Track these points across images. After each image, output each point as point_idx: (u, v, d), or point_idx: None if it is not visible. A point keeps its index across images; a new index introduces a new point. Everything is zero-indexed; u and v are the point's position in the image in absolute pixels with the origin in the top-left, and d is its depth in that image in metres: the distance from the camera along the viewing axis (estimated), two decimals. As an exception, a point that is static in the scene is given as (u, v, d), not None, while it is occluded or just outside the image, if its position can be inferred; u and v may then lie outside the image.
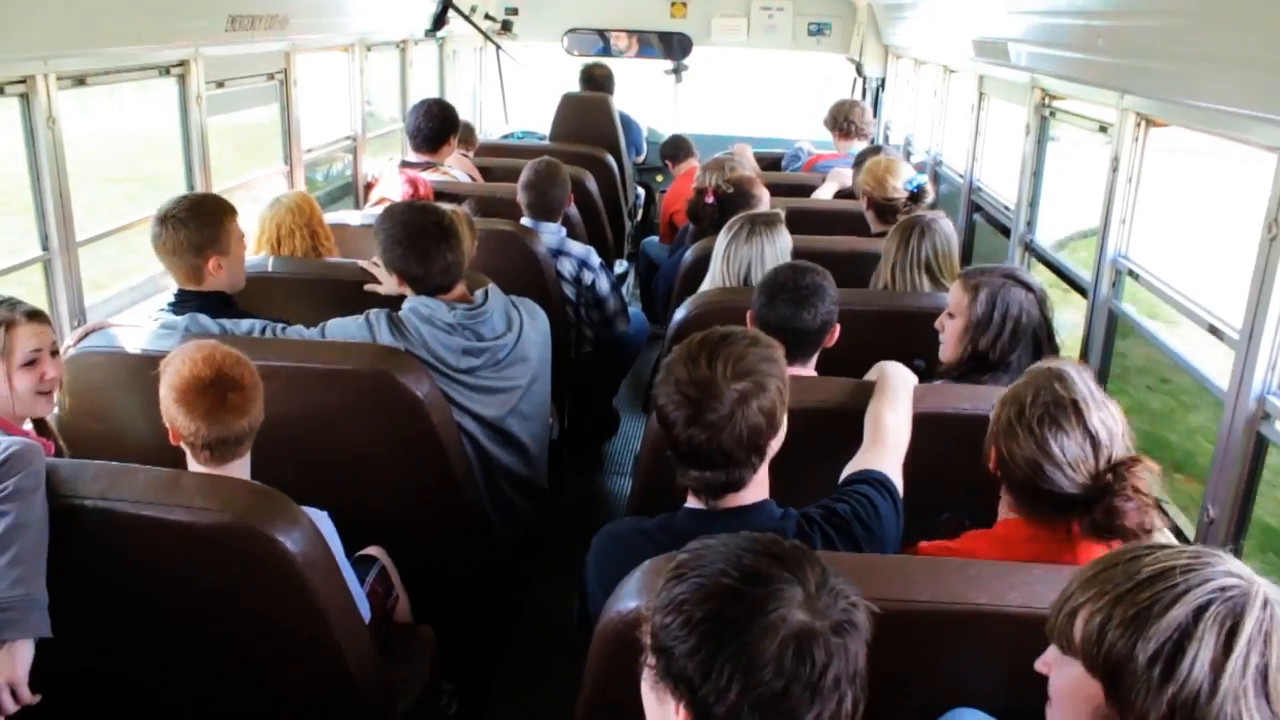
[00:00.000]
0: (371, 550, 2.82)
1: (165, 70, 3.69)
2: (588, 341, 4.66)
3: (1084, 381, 2.00)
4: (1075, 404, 1.95)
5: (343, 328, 3.03)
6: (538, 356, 3.28)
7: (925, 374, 3.14)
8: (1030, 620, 1.65)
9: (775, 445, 1.97)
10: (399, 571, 2.87)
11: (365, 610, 2.41)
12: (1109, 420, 1.96)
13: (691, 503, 2.02)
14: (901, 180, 4.16)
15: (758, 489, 1.98)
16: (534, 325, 3.26)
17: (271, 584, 2.06)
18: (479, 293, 3.18)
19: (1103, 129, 3.08)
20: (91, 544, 2.07)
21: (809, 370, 2.82)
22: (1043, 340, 2.75)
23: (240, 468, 2.33)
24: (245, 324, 3.01)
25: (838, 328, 2.83)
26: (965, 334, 2.79)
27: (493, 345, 3.10)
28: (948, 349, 2.84)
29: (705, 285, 3.57)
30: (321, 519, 2.35)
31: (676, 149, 6.80)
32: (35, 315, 2.41)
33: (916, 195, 4.14)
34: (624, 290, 7.14)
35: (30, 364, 2.38)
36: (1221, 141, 2.41)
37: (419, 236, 3.06)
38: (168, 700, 2.30)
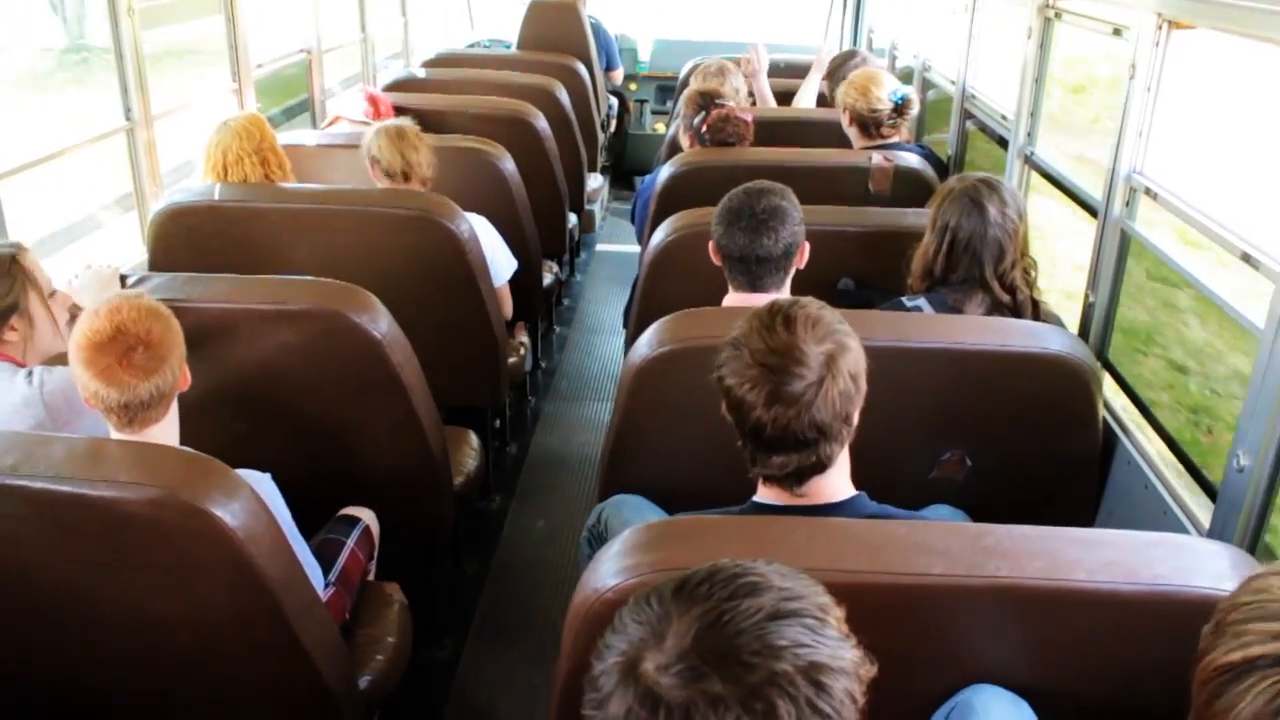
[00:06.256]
0: (355, 510, 2.65)
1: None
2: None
3: None
4: None
5: None
6: None
7: (852, 295, 3.06)
8: (1054, 592, 1.51)
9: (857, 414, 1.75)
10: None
11: (319, 579, 2.22)
12: None
13: (765, 496, 1.78)
14: (885, 91, 3.90)
15: (843, 476, 1.78)
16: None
17: (209, 562, 1.85)
18: None
19: (1117, 32, 2.82)
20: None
21: (784, 293, 2.65)
22: (985, 265, 2.63)
23: (163, 433, 2.09)
24: None
25: (806, 246, 2.65)
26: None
27: None
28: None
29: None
30: (262, 481, 2.10)
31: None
32: None
33: (901, 108, 3.89)
34: (599, 205, 6.91)
35: None
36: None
37: None
38: (100, 695, 2.10)
